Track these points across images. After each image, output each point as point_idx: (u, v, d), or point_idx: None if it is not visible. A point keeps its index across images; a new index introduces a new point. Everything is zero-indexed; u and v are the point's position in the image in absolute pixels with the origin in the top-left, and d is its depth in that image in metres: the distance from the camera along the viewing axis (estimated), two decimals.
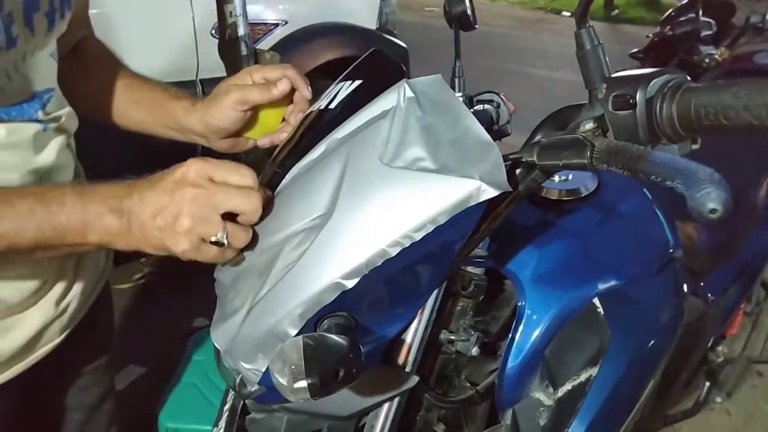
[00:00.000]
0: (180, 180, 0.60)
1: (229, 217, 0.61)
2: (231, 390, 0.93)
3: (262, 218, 0.64)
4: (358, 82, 0.73)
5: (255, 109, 0.80)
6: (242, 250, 0.65)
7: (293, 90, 0.80)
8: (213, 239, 0.60)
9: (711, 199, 0.41)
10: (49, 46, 0.74)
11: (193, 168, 0.60)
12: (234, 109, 0.79)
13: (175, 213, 0.59)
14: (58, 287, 0.79)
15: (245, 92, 0.78)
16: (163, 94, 0.87)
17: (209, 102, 0.81)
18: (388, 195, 0.60)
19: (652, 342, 0.89)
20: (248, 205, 0.61)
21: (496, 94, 0.98)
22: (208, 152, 0.71)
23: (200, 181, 0.60)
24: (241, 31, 1.64)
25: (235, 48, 1.63)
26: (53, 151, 0.74)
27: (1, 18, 0.61)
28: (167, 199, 0.59)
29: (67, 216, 0.60)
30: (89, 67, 0.89)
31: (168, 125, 0.86)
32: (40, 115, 0.71)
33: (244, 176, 0.62)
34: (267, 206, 0.65)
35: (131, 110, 0.87)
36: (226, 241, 0.61)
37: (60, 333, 0.81)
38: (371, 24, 3.24)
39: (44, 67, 0.73)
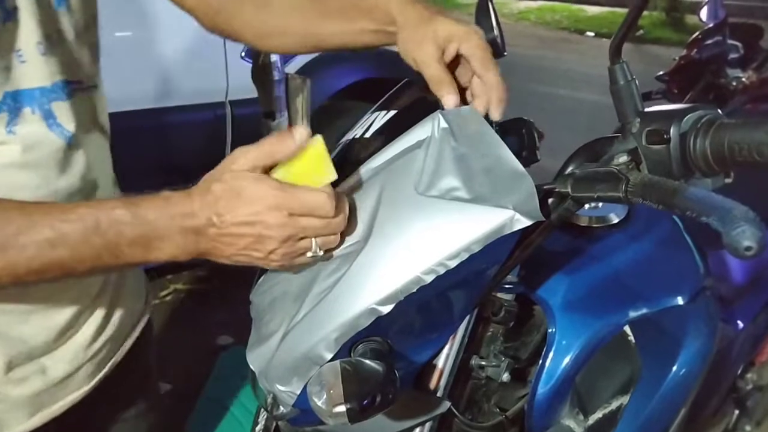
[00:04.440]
0: (261, 212, 0.56)
1: None
2: (263, 411, 0.95)
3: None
4: (392, 112, 0.75)
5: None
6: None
7: None
8: (309, 255, 0.61)
9: (746, 238, 0.42)
10: (88, 34, 0.69)
11: (272, 205, 0.56)
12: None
13: (265, 248, 0.58)
14: (88, 329, 0.74)
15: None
16: None
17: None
18: (423, 223, 0.61)
19: (683, 371, 0.88)
20: (328, 232, 0.61)
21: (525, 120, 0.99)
22: None
23: (282, 219, 0.57)
24: (273, 57, 1.69)
25: (267, 73, 1.68)
26: (79, 170, 0.68)
27: None
28: (250, 236, 0.57)
29: (129, 244, 0.56)
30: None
31: (367, 28, 0.74)
32: (54, 107, 0.63)
33: (321, 205, 0.58)
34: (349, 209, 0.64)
35: (320, 25, 0.77)
36: (321, 252, 0.61)
37: (89, 380, 0.77)
38: None
39: (76, 58, 0.67)
